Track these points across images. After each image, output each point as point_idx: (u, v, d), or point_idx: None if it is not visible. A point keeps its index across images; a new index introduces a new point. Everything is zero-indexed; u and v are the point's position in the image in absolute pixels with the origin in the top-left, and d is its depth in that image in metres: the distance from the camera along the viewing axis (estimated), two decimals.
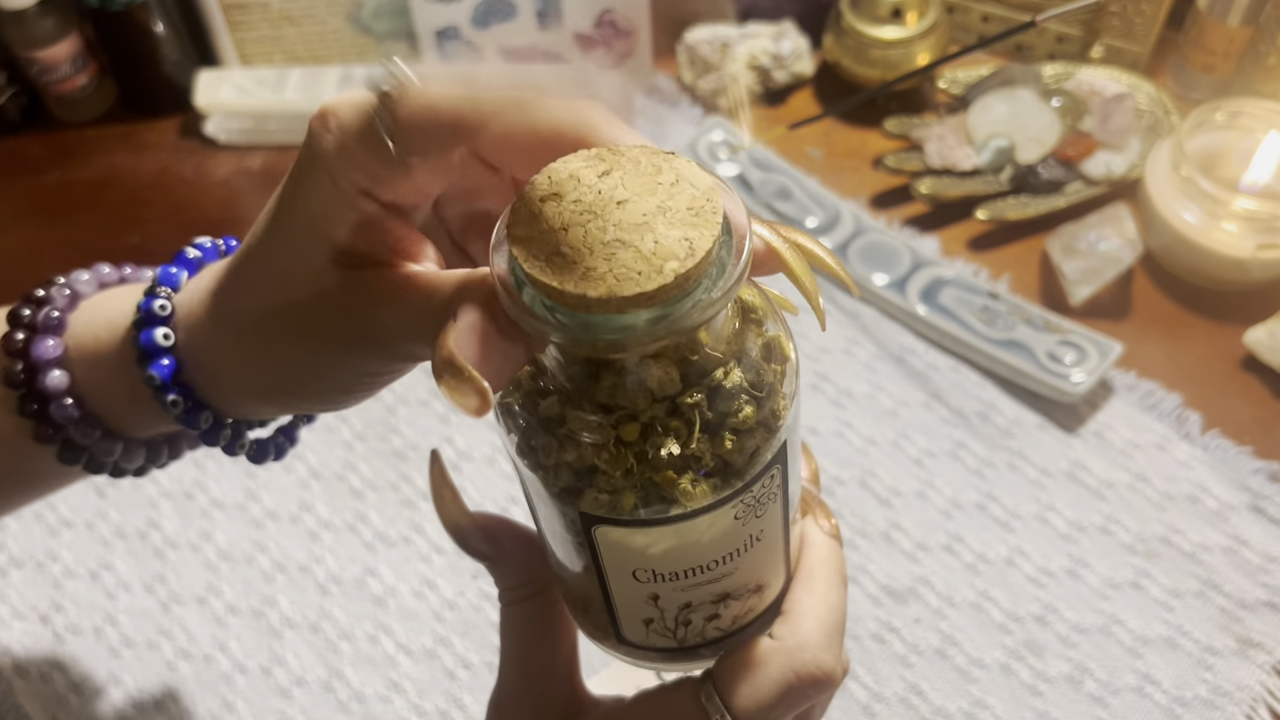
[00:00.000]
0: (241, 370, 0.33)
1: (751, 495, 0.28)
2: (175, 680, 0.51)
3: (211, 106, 0.70)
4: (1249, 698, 0.48)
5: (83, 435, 0.35)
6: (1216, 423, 0.56)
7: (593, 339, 0.24)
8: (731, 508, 0.28)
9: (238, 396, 0.34)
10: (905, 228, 0.65)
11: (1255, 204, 0.57)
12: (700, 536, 0.29)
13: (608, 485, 0.27)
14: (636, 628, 0.32)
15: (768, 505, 0.30)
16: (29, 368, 0.35)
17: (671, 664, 0.34)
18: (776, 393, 0.28)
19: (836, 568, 0.33)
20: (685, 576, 0.30)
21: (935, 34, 0.68)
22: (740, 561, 0.30)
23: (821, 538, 0.34)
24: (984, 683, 0.50)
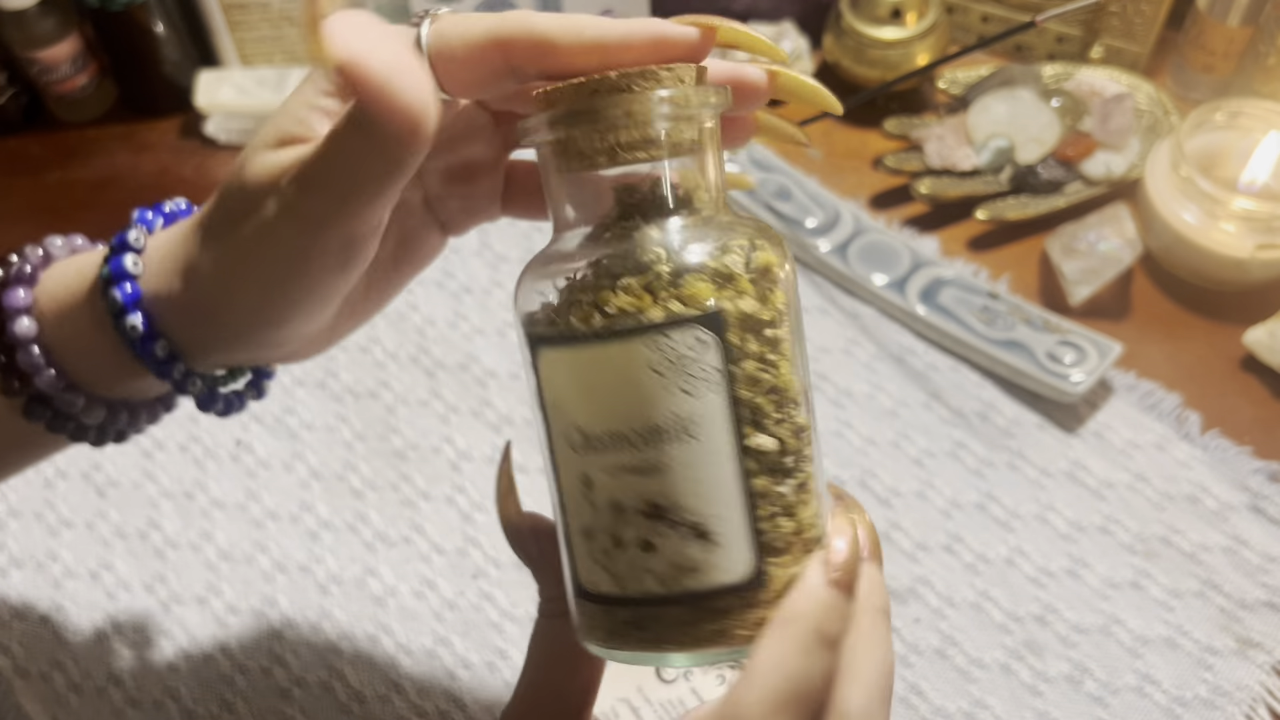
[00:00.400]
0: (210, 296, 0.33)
1: (669, 346, 0.29)
2: (175, 680, 0.51)
3: (212, 107, 0.70)
4: (1249, 698, 0.49)
5: (48, 385, 0.35)
6: (1216, 423, 0.56)
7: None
8: (644, 347, 0.28)
9: (204, 330, 0.34)
10: (905, 228, 0.65)
11: (1254, 204, 0.57)
12: (616, 378, 0.29)
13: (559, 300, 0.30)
14: (584, 557, 0.31)
15: (700, 386, 0.29)
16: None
17: (628, 640, 0.31)
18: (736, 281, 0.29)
19: (816, 625, 0.27)
20: (608, 445, 0.30)
21: (935, 34, 0.68)
22: (668, 453, 0.29)
23: (815, 584, 0.28)
24: (984, 682, 0.50)
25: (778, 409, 0.30)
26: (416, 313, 0.62)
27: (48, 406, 0.36)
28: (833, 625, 0.28)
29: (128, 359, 0.35)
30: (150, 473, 0.57)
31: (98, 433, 0.38)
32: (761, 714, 0.26)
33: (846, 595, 0.28)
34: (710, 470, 0.29)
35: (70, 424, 0.37)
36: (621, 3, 0.69)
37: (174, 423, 0.59)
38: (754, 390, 0.29)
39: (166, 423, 0.59)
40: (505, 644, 0.52)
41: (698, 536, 0.29)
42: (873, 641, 0.29)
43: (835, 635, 0.28)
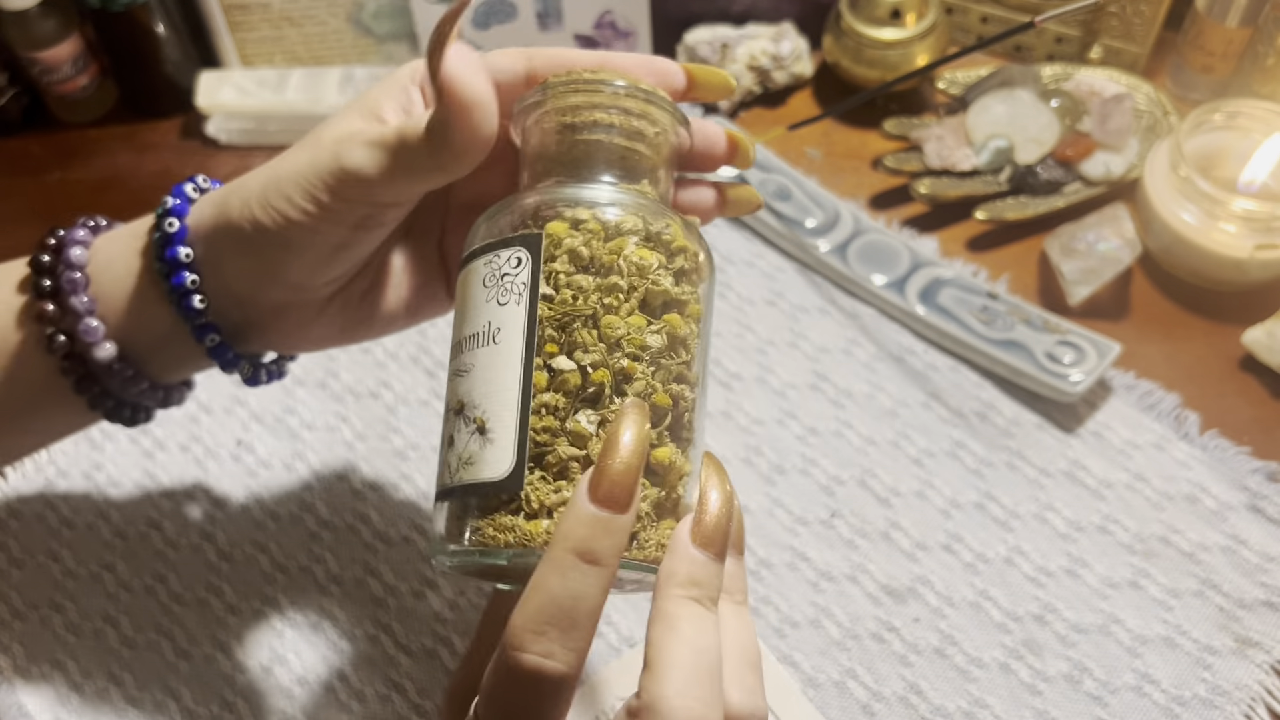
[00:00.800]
0: (233, 254, 0.38)
1: (496, 262, 0.34)
2: (176, 680, 0.51)
3: (213, 107, 0.70)
4: (1247, 697, 0.49)
5: (105, 358, 0.40)
6: (1215, 422, 0.56)
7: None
8: (482, 263, 0.34)
9: (231, 283, 0.39)
10: (904, 228, 0.65)
11: (1253, 204, 0.57)
12: (464, 291, 0.35)
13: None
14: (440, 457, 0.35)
15: (510, 298, 0.33)
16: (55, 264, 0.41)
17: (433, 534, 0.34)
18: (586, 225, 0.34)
19: (573, 541, 0.28)
20: (453, 353, 0.35)
21: (934, 35, 0.68)
22: (477, 355, 0.33)
23: (578, 505, 0.29)
24: (983, 682, 0.50)
25: (591, 346, 0.32)
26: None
27: (96, 382, 0.41)
28: (597, 543, 0.28)
29: (179, 336, 0.40)
30: (151, 473, 0.57)
31: (132, 411, 0.43)
32: (523, 633, 0.28)
33: (615, 512, 0.29)
34: (502, 373, 0.32)
35: (110, 400, 0.42)
36: (622, 3, 0.69)
37: (174, 423, 0.59)
38: (567, 315, 0.33)
39: (167, 423, 0.59)
40: None
41: (479, 431, 0.33)
42: (678, 627, 0.29)
43: (601, 553, 0.28)
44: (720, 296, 0.62)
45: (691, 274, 0.35)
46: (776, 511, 0.55)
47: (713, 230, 0.65)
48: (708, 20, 0.73)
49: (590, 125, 0.36)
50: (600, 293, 0.33)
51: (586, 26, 0.70)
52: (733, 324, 0.61)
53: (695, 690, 0.28)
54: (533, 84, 0.37)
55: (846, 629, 0.51)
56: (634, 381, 0.32)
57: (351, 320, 0.42)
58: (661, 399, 0.33)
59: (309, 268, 0.38)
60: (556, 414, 0.32)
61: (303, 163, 0.36)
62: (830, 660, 0.50)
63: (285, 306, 0.40)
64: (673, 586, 0.30)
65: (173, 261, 0.39)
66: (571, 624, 0.28)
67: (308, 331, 0.41)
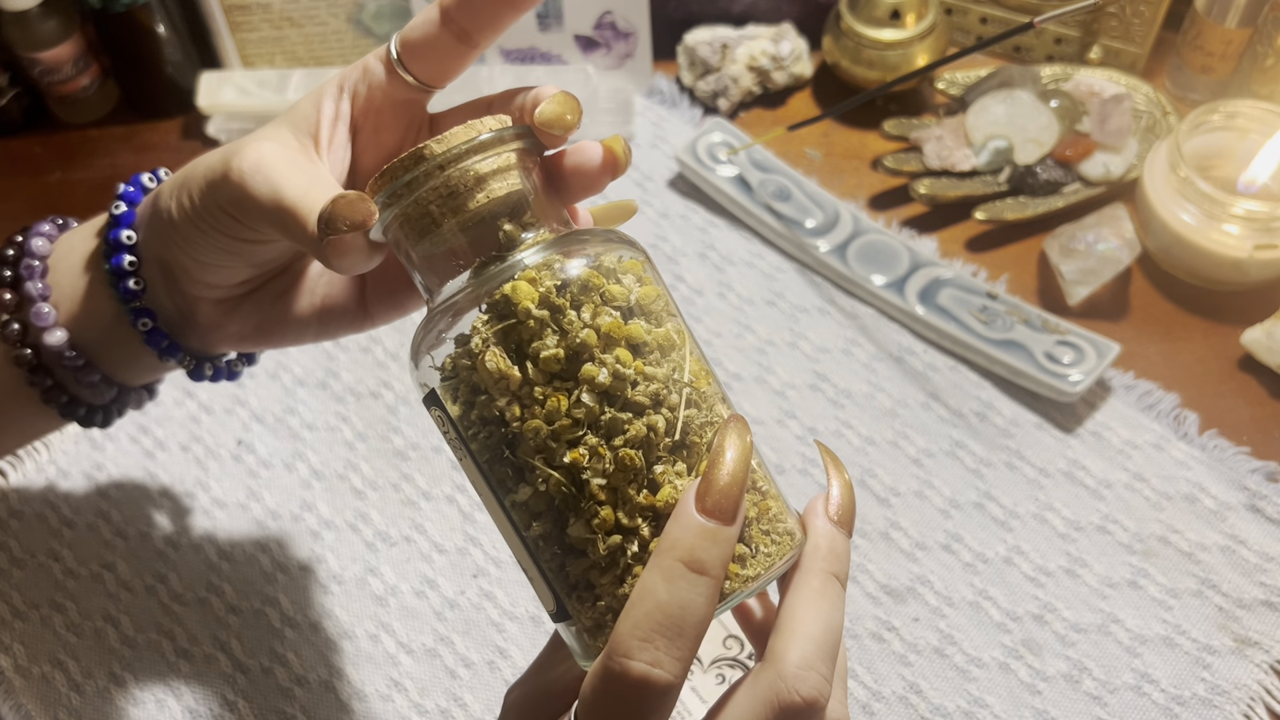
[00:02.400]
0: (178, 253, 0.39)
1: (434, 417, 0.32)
2: (177, 679, 0.51)
3: (213, 108, 0.70)
4: (1246, 696, 0.49)
5: (68, 363, 0.41)
6: (1214, 423, 0.56)
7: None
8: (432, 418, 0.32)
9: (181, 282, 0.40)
10: (904, 228, 0.65)
11: (1253, 205, 0.58)
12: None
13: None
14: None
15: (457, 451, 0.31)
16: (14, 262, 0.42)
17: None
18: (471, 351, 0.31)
19: (680, 551, 0.28)
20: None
21: (934, 35, 0.68)
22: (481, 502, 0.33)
23: (684, 514, 0.28)
24: (982, 681, 0.50)
25: (532, 456, 0.30)
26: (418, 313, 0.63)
27: (49, 374, 0.42)
28: (705, 553, 0.28)
29: (123, 323, 0.41)
30: (152, 472, 0.57)
31: (104, 413, 0.44)
32: (630, 640, 0.28)
33: (722, 523, 0.28)
34: (498, 522, 0.32)
35: (80, 406, 0.43)
36: (622, 4, 0.69)
37: (175, 423, 0.59)
38: (498, 449, 0.30)
39: (168, 423, 0.59)
40: (505, 643, 0.52)
41: (524, 572, 0.32)
42: (818, 601, 0.30)
43: (709, 563, 0.28)
44: (720, 296, 0.63)
45: (647, 299, 0.31)
46: None
47: (713, 230, 0.65)
48: (707, 21, 0.73)
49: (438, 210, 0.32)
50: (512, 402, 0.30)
51: (587, 27, 0.70)
52: (733, 324, 0.61)
53: (820, 665, 0.29)
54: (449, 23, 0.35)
55: (846, 629, 0.51)
56: (587, 464, 0.30)
57: (265, 321, 0.42)
58: (628, 456, 0.30)
59: (211, 266, 0.39)
60: (551, 541, 0.31)
61: (216, 166, 0.36)
62: None
63: (199, 299, 0.41)
64: (818, 559, 0.30)
65: (114, 243, 0.40)
66: (679, 633, 0.28)
67: (223, 327, 0.42)
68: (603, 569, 0.30)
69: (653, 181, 0.68)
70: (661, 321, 0.31)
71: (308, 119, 0.37)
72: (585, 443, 0.30)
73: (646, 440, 0.30)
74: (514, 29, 0.71)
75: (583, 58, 0.72)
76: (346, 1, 0.71)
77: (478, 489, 0.32)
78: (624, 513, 0.30)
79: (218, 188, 0.36)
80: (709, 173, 0.66)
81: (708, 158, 0.67)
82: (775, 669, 0.29)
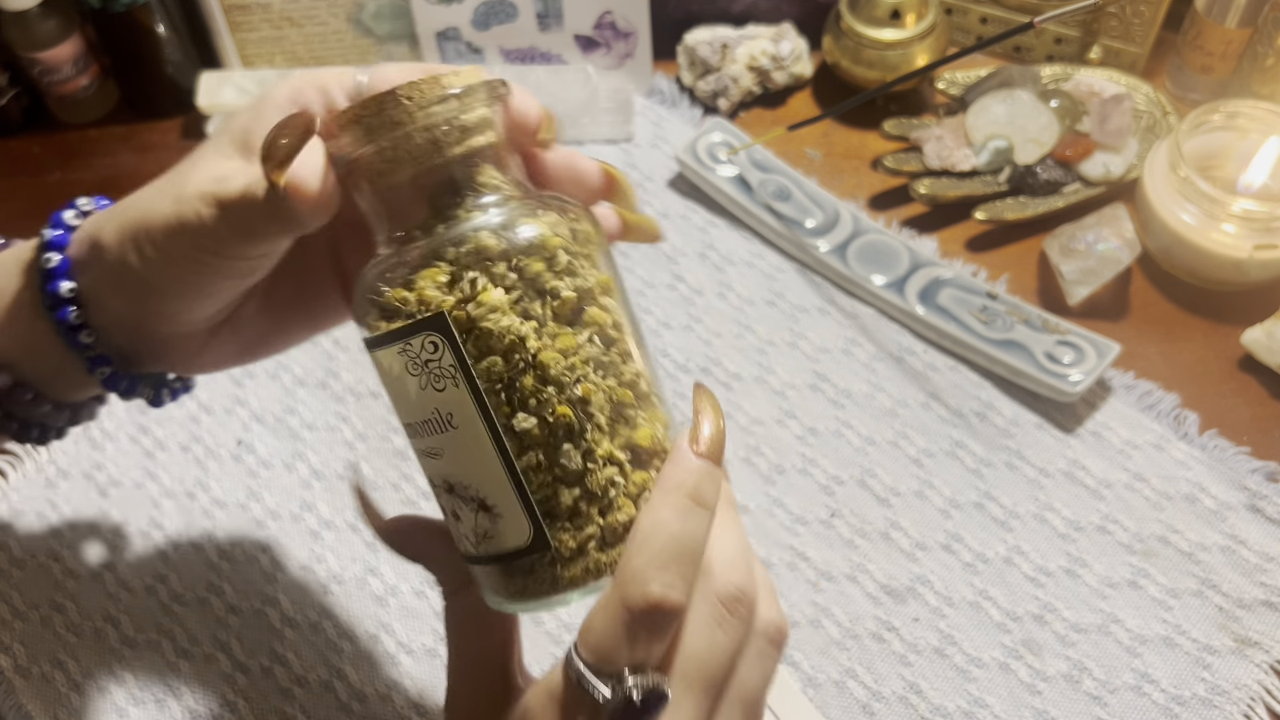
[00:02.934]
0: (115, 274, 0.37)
1: (412, 351, 0.32)
2: (177, 679, 0.51)
3: (213, 108, 0.70)
4: (1246, 696, 0.49)
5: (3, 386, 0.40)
6: (1214, 423, 0.56)
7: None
8: (398, 353, 0.32)
9: (117, 310, 0.38)
10: (904, 228, 0.65)
11: (1252, 205, 0.58)
12: (391, 379, 0.33)
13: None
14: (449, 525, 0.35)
15: (444, 383, 0.32)
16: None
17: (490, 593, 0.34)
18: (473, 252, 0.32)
19: (687, 488, 0.31)
20: (410, 433, 0.34)
21: (934, 35, 0.68)
22: (441, 440, 0.33)
23: (685, 457, 0.32)
24: (982, 681, 0.50)
25: (542, 389, 0.32)
26: None
27: (13, 419, 0.41)
28: (706, 490, 0.31)
29: (72, 363, 0.39)
30: (152, 472, 0.57)
31: (41, 430, 0.42)
32: (651, 573, 0.29)
33: (715, 463, 0.32)
34: (476, 453, 0.32)
35: (14, 423, 0.41)
36: (622, 4, 0.69)
37: (175, 423, 0.59)
38: (506, 378, 0.32)
39: (168, 423, 0.59)
40: None
41: (483, 509, 0.33)
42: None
43: (709, 498, 0.31)
44: (720, 296, 0.63)
45: (586, 247, 0.33)
46: (776, 511, 0.55)
47: (712, 230, 0.65)
48: (707, 21, 0.73)
49: (406, 154, 0.33)
50: (515, 336, 0.32)
51: (587, 27, 0.70)
52: (733, 324, 0.61)
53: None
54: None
55: (846, 629, 0.51)
56: (593, 398, 0.32)
57: (248, 342, 0.41)
58: (623, 394, 0.33)
59: (184, 308, 0.37)
60: (542, 470, 0.32)
61: (169, 214, 0.35)
62: (830, 660, 0.50)
63: (171, 337, 0.39)
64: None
65: (54, 296, 0.38)
66: (691, 561, 0.30)
67: (200, 358, 0.41)
68: (593, 498, 0.32)
69: (653, 181, 0.68)
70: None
71: (249, 133, 0.35)
72: (592, 379, 0.32)
73: (634, 383, 0.33)
74: (514, 29, 0.71)
75: (583, 58, 0.72)
76: (346, 1, 0.71)
77: (455, 421, 0.32)
78: (617, 446, 0.32)
79: (187, 234, 0.35)
80: (709, 173, 0.66)
81: (708, 158, 0.67)
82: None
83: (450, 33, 0.71)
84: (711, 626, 0.31)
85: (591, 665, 0.29)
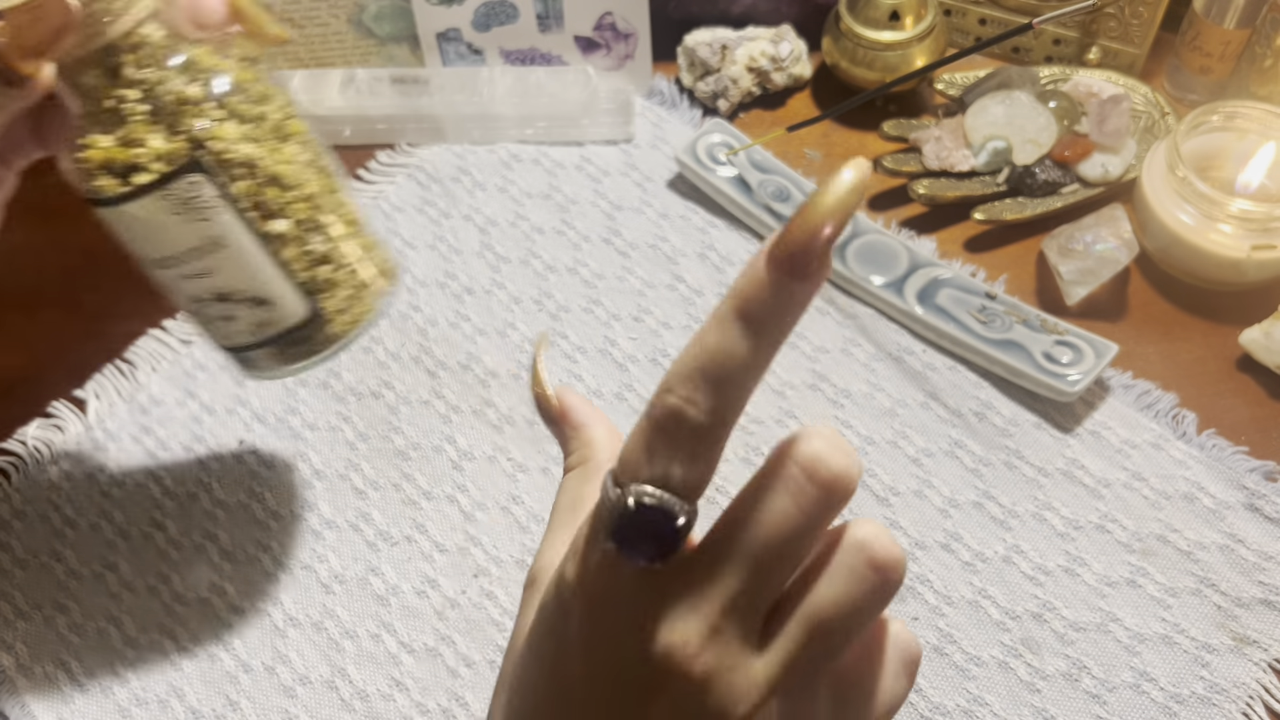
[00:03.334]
0: None
1: (174, 194, 0.39)
2: (179, 679, 0.51)
3: None
4: (1245, 695, 0.49)
5: None
6: (1212, 422, 0.57)
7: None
8: (160, 199, 0.39)
9: None
10: (903, 229, 0.65)
11: (1250, 205, 0.58)
12: (153, 224, 0.40)
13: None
14: (205, 328, 0.44)
15: (210, 213, 0.40)
16: None
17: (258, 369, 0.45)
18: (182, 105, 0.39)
19: (735, 299, 0.26)
20: (172, 264, 0.41)
21: (933, 37, 0.69)
22: (212, 261, 0.41)
23: (749, 265, 0.26)
24: (982, 680, 0.50)
25: (283, 194, 0.41)
26: (419, 313, 0.63)
27: None
28: (759, 305, 0.25)
29: None
30: (153, 472, 0.57)
31: None
32: (673, 382, 0.26)
33: (784, 275, 0.25)
34: (246, 260, 0.41)
35: None
36: (622, 5, 0.69)
37: (177, 423, 0.59)
38: (255, 195, 0.40)
39: (169, 423, 0.59)
40: (506, 642, 0.52)
41: (259, 304, 0.42)
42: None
43: (760, 315, 0.25)
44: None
45: (259, 72, 0.41)
46: None
47: (712, 231, 0.65)
48: (707, 22, 0.73)
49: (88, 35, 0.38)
50: (255, 157, 0.40)
51: (587, 28, 0.71)
52: None
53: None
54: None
55: None
56: (319, 192, 0.42)
57: None
58: (331, 183, 0.43)
59: None
60: (301, 258, 0.41)
61: None
62: None
63: None
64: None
65: None
66: (719, 379, 0.26)
67: None
68: (342, 266, 0.43)
69: (652, 182, 0.68)
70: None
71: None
72: (312, 177, 0.42)
73: (332, 172, 0.44)
74: (514, 30, 0.71)
75: (583, 59, 0.72)
76: (347, 3, 0.71)
77: (225, 241, 0.40)
78: (344, 222, 0.43)
79: None
80: (708, 173, 0.66)
81: (707, 158, 0.67)
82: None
83: (451, 34, 0.71)
84: (776, 488, 0.27)
85: (613, 472, 0.27)
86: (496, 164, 0.70)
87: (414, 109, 0.70)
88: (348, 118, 0.71)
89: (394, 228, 0.67)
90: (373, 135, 0.71)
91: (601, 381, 0.60)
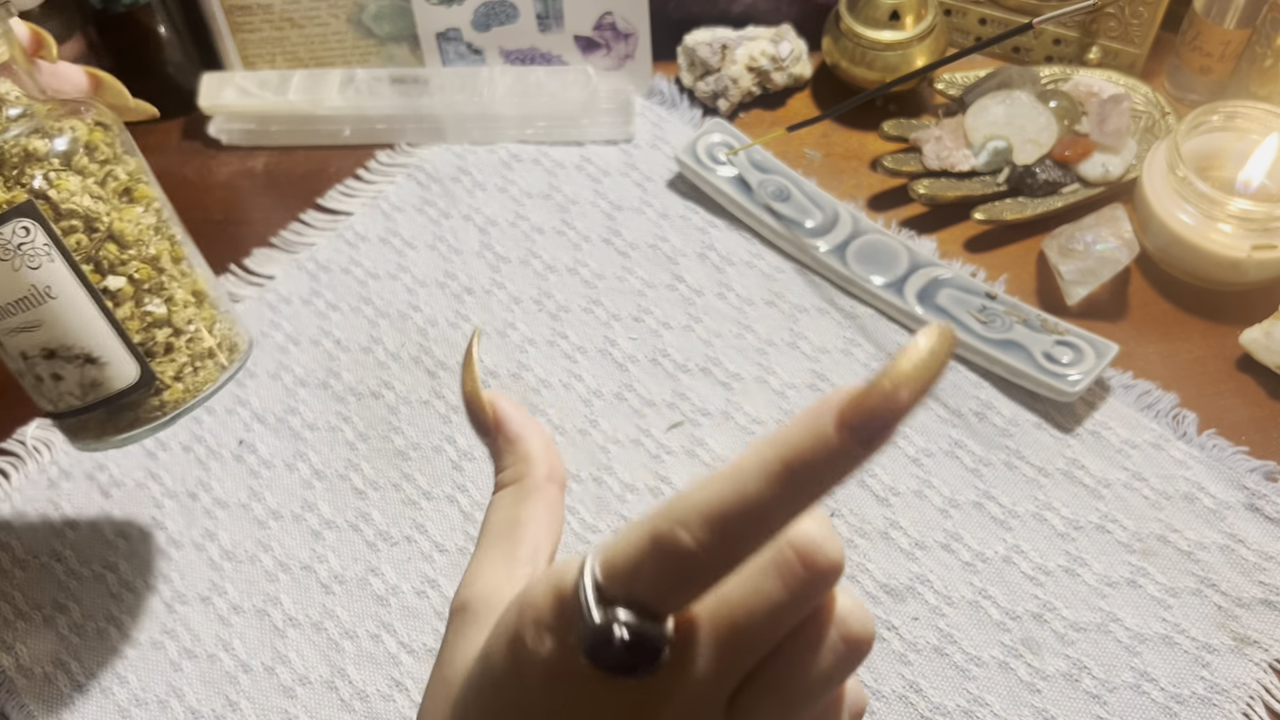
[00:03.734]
0: None
1: (5, 237, 0.39)
2: (179, 679, 0.51)
3: (214, 108, 0.70)
4: (1246, 695, 0.49)
5: None
6: (1212, 422, 0.57)
7: None
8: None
9: None
10: (903, 229, 0.65)
11: (1250, 205, 0.58)
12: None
13: None
14: (30, 392, 0.43)
15: (41, 260, 0.40)
16: None
17: (83, 438, 0.44)
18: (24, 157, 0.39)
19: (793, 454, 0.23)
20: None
21: (933, 36, 0.69)
22: (40, 313, 0.40)
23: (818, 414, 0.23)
24: (982, 680, 0.50)
25: (121, 253, 0.41)
26: (419, 313, 0.63)
27: None
28: (815, 471, 0.23)
29: None
30: (153, 473, 0.57)
31: None
32: (696, 519, 0.24)
33: (853, 442, 0.22)
34: (76, 315, 0.40)
35: None
36: (622, 5, 0.69)
37: (177, 424, 0.59)
38: (91, 249, 0.40)
39: None
40: None
41: (89, 362, 0.41)
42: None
43: (810, 483, 0.23)
44: (720, 297, 0.63)
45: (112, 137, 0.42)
46: None
47: (712, 231, 0.65)
48: (707, 22, 0.73)
49: None
50: (94, 212, 0.40)
51: (587, 28, 0.71)
52: (733, 324, 0.62)
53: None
54: None
55: None
56: (162, 255, 0.42)
57: None
58: (178, 251, 0.43)
59: None
60: (136, 318, 0.41)
61: None
62: None
63: None
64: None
65: None
66: (745, 532, 0.24)
67: None
68: (180, 333, 0.43)
69: (652, 182, 0.68)
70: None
71: None
72: (157, 241, 0.42)
73: (181, 242, 0.44)
74: (514, 30, 0.71)
75: (583, 58, 0.72)
76: (347, 2, 0.71)
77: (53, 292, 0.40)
78: (187, 291, 0.43)
79: None
80: (709, 173, 0.66)
81: (707, 158, 0.67)
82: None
83: (451, 33, 0.71)
84: (766, 571, 0.25)
85: (597, 577, 0.25)
86: (496, 164, 0.70)
87: (414, 109, 0.70)
88: (347, 117, 0.71)
89: (394, 227, 0.67)
90: (372, 135, 0.71)
91: (601, 381, 0.60)
